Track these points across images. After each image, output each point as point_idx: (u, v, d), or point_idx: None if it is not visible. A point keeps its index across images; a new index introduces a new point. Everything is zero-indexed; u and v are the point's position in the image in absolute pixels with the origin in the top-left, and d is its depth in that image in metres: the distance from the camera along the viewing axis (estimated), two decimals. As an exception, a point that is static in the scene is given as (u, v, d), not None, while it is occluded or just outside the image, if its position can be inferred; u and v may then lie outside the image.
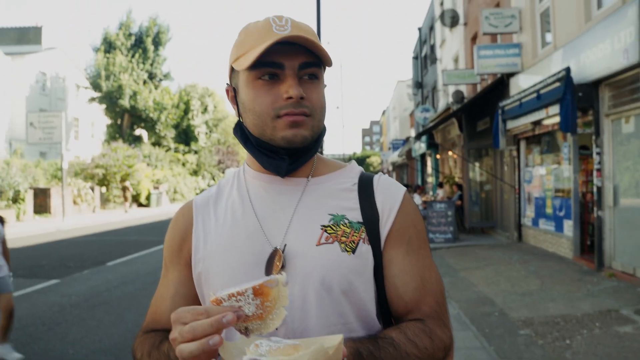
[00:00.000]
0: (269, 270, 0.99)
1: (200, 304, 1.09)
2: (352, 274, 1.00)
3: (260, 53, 0.94)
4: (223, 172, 44.30)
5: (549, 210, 10.04)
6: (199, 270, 1.06)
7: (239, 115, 1.07)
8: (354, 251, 1.00)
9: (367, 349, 0.90)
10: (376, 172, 1.16)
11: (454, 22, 16.55)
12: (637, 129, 7.04)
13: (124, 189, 27.59)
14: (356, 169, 1.14)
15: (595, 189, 7.96)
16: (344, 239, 1.01)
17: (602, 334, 4.91)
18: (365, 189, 1.08)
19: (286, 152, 1.02)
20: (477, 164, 15.15)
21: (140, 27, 37.73)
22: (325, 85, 1.08)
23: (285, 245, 1.01)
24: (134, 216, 23.86)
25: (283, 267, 0.99)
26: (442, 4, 20.86)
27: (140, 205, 30.27)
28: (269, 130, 1.00)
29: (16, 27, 38.07)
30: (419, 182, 27.12)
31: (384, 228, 1.04)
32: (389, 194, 1.07)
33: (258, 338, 0.83)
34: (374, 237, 1.03)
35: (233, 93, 1.07)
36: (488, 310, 5.93)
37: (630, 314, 5.48)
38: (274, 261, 0.99)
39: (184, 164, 39.84)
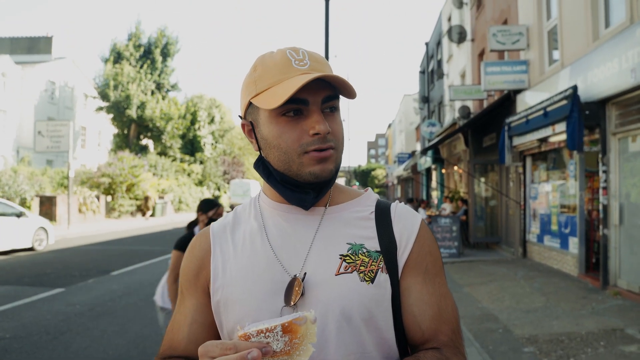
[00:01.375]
0: (287, 298, 1.00)
1: (217, 332, 1.10)
2: (372, 303, 1.00)
3: (293, 92, 0.94)
4: (228, 183, 44.39)
5: (554, 227, 10.01)
6: (217, 298, 1.07)
7: (260, 149, 1.08)
8: (372, 280, 1.01)
9: None
10: (382, 187, 1.16)
11: (461, 38, 16.64)
12: (643, 147, 7.04)
13: (146, 198, 28.47)
14: (372, 197, 1.15)
15: (601, 207, 7.94)
16: (362, 268, 1.02)
17: (607, 353, 4.88)
18: (383, 217, 1.09)
19: (311, 186, 1.04)
20: (482, 180, 15.14)
21: (149, 38, 38.09)
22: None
23: (305, 273, 1.02)
24: (139, 225, 23.91)
25: (302, 294, 0.99)
26: (449, 19, 20.99)
27: (145, 214, 30.35)
28: (295, 166, 1.01)
29: (27, 37, 38.53)
30: (424, 197, 27.08)
31: (402, 257, 1.05)
32: (407, 223, 1.08)
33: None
34: (391, 266, 1.04)
35: (251, 127, 1.08)
36: (492, 327, 5.91)
37: (635, 333, 5.45)
38: (293, 289, 1.00)
39: (189, 174, 39.97)
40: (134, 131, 37.63)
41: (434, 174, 24.64)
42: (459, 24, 17.38)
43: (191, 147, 42.62)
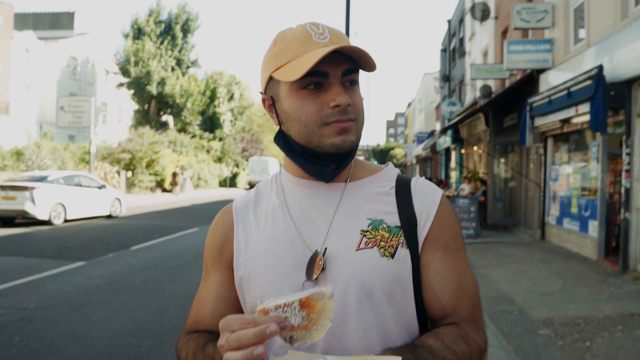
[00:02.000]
0: (309, 273, 1.01)
1: (241, 307, 1.12)
2: (392, 279, 1.01)
3: (314, 63, 0.94)
4: (247, 160, 44.60)
5: (574, 210, 9.89)
6: (240, 274, 1.08)
7: (280, 124, 1.08)
8: (392, 256, 1.02)
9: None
10: (400, 167, 1.16)
11: (484, 15, 16.30)
12: (669, 130, 6.88)
13: (174, 174, 29.19)
14: (393, 172, 1.15)
15: (623, 190, 7.81)
16: (382, 243, 1.02)
17: (624, 337, 4.85)
18: (403, 192, 1.09)
19: (332, 158, 1.04)
20: (502, 160, 14.97)
21: (170, 14, 38.05)
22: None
23: (325, 248, 1.02)
24: (158, 201, 24.21)
25: (323, 269, 1.00)
26: (472, -4, 20.56)
27: (164, 190, 30.69)
28: (316, 138, 1.01)
29: (50, 13, 38.83)
30: (443, 177, 26.92)
31: (422, 232, 1.05)
32: (427, 198, 1.08)
33: (317, 355, 0.90)
34: (411, 241, 1.04)
35: (271, 102, 1.08)
36: (508, 309, 5.90)
37: (654, 318, 5.39)
38: (315, 264, 1.01)
39: (208, 151, 40.23)
40: (154, 107, 37.89)
41: (453, 154, 24.43)
42: (482, 1, 17.01)
43: (210, 123, 42.80)
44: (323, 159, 1.04)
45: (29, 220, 13.93)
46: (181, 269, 8.14)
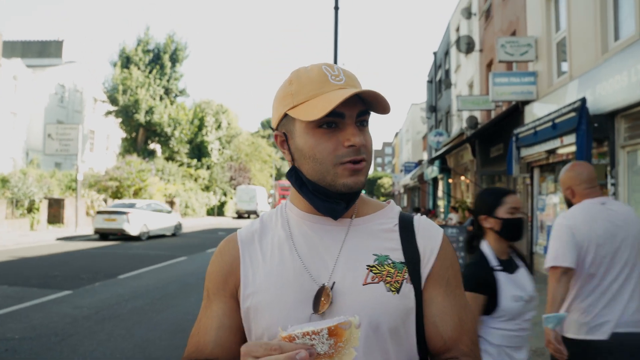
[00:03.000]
0: (316, 306, 1.03)
1: (244, 336, 1.13)
2: (397, 313, 1.03)
3: (337, 104, 0.99)
4: (235, 189, 44.51)
5: (561, 239, 9.97)
6: (247, 305, 1.09)
7: (293, 160, 1.11)
8: (398, 291, 1.04)
9: None
10: (388, 196, 1.19)
11: (469, 48, 16.68)
12: (652, 161, 7.04)
13: (171, 202, 31.10)
14: (395, 209, 1.19)
15: (608, 220, 7.92)
16: (388, 279, 1.05)
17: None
18: (407, 230, 1.13)
19: (342, 197, 1.07)
20: (489, 190, 15.13)
21: (158, 44, 38.34)
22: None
23: (334, 282, 1.05)
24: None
25: (331, 304, 1.02)
26: (458, 29, 21.05)
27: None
28: (330, 177, 1.05)
29: (38, 41, 38.94)
30: (430, 206, 27.05)
31: (425, 268, 1.09)
32: (430, 236, 1.12)
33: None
34: (415, 277, 1.07)
35: (284, 138, 1.11)
36: (498, 339, 5.89)
37: (642, 348, 5.42)
38: (321, 298, 1.03)
39: (196, 179, 40.11)
40: (142, 136, 37.83)
41: (441, 184, 24.63)
42: (467, 35, 17.43)
43: (198, 152, 42.79)
44: (334, 197, 1.07)
45: (123, 236, 18.46)
46: (169, 298, 8.04)
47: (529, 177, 11.62)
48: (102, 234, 18.76)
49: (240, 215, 41.57)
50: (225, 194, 44.58)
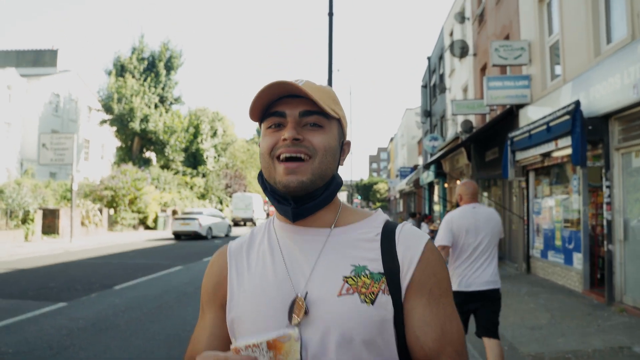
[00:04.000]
0: (290, 317, 1.03)
1: None
2: (372, 325, 1.02)
3: (255, 97, 1.07)
4: (230, 196, 44.42)
5: (558, 243, 9.99)
6: (232, 316, 1.12)
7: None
8: (372, 302, 1.03)
9: None
10: (384, 202, 1.20)
11: (463, 52, 16.74)
12: (647, 163, 7.05)
13: (174, 212, 32.16)
14: (380, 219, 1.17)
15: (605, 222, 7.93)
16: (363, 289, 1.04)
17: (614, 371, 4.84)
18: (388, 239, 1.11)
19: (290, 197, 1.08)
20: (485, 194, 15.14)
21: (152, 52, 38.35)
22: (348, 141, 1.20)
23: (307, 292, 1.05)
24: (141, 238, 23.90)
25: (306, 313, 1.03)
26: (451, 34, 21.13)
27: (147, 228, 30.33)
28: (272, 172, 1.09)
29: (33, 50, 38.88)
30: (427, 211, 27.06)
31: (405, 279, 1.06)
32: (411, 244, 1.09)
33: None
34: (394, 288, 1.05)
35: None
36: (497, 344, 5.86)
37: (642, 351, 5.41)
38: (295, 308, 1.04)
39: (191, 187, 40.02)
40: (137, 144, 37.76)
41: (437, 188, 24.64)
42: (461, 39, 17.49)
43: (194, 160, 42.74)
44: (284, 197, 1.09)
45: (196, 236, 24.23)
46: (166, 308, 7.99)
47: (524, 180, 11.63)
48: (177, 235, 24.40)
49: (236, 223, 41.48)
50: (221, 202, 44.48)
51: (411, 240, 1.10)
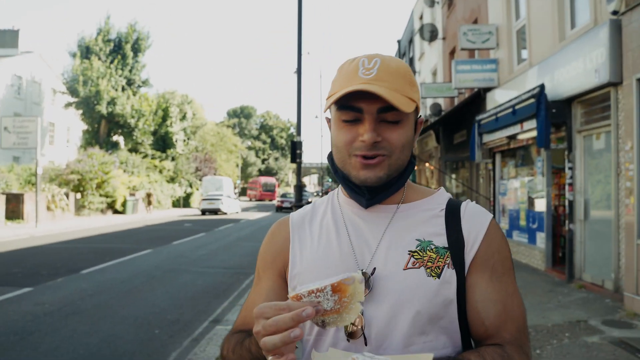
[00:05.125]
0: None
1: None
2: (437, 298, 1.04)
3: (336, 99, 1.02)
4: (200, 180, 44.02)
5: (522, 223, 10.25)
6: (294, 284, 1.14)
7: (331, 146, 1.15)
8: (439, 276, 1.05)
9: None
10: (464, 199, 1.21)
11: (432, 36, 16.83)
12: (607, 145, 7.27)
13: (148, 195, 33.04)
14: (445, 196, 1.19)
15: (567, 203, 8.17)
16: (429, 264, 1.05)
17: (571, 344, 5.04)
18: (453, 215, 1.12)
19: (365, 188, 1.09)
20: (453, 176, 15.38)
21: (119, 33, 37.41)
22: (420, 117, 1.16)
23: (374, 268, 1.07)
24: (109, 223, 23.55)
25: (371, 289, 1.05)
26: (421, 18, 21.20)
27: (115, 212, 29.88)
28: (347, 167, 1.08)
29: (-8, 30, 37.47)
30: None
31: (469, 254, 1.07)
32: (476, 221, 1.11)
33: (353, 353, 0.93)
34: (458, 263, 1.06)
35: (328, 124, 1.16)
36: (462, 321, 6.02)
37: (598, 324, 5.63)
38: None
39: (161, 171, 39.47)
40: (104, 128, 36.96)
41: (407, 171, 24.88)
42: (430, 23, 17.57)
43: (163, 143, 42.06)
44: (359, 187, 1.09)
45: (219, 213, 33.10)
46: (135, 292, 7.93)
47: (491, 162, 11.85)
48: (203, 212, 33.13)
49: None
50: (190, 185, 44.04)
51: (476, 217, 1.11)
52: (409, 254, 1.07)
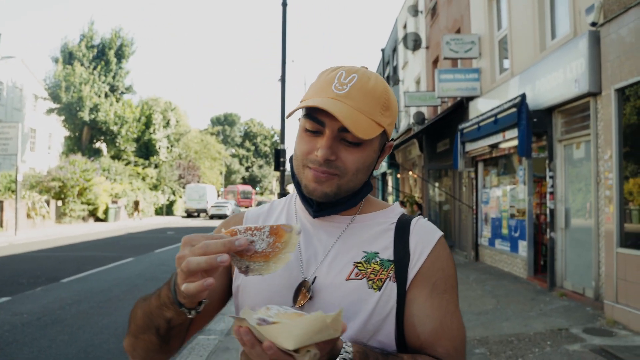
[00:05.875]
0: (295, 299, 1.05)
1: (218, 302, 1.16)
2: (376, 310, 1.04)
3: (297, 108, 1.02)
4: (184, 187, 43.72)
5: (504, 231, 10.33)
6: (238, 283, 1.13)
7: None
8: (380, 289, 1.04)
9: (374, 356, 0.94)
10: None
11: (416, 45, 16.97)
12: (587, 154, 7.38)
13: (136, 202, 33.08)
14: (397, 210, 1.19)
15: (548, 211, 8.25)
16: (372, 276, 1.05)
17: (553, 352, 5.08)
18: (402, 229, 1.12)
19: (314, 202, 1.10)
20: (436, 184, 15.46)
21: (103, 39, 37.17)
22: (390, 142, 1.15)
23: (315, 277, 1.06)
24: (91, 231, 23.25)
25: (311, 298, 1.04)
26: (405, 27, 21.37)
27: (97, 219, 29.53)
28: (300, 175, 1.09)
29: (-28, 35, 36.95)
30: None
31: (413, 269, 1.07)
32: (424, 237, 1.11)
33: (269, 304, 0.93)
34: (401, 276, 1.06)
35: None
36: (445, 329, 6.03)
37: (579, 332, 5.69)
38: (301, 291, 1.05)
39: (143, 178, 39.14)
40: (86, 134, 36.60)
41: (390, 179, 24.98)
42: (414, 32, 17.72)
43: (146, 150, 41.76)
44: (309, 196, 1.09)
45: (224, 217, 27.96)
46: (115, 301, 7.82)
47: (473, 171, 11.94)
48: (211, 216, 37.62)
49: (189, 214, 40.87)
50: (174, 193, 43.72)
51: (425, 233, 1.11)
52: (354, 265, 1.07)
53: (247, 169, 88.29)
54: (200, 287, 0.85)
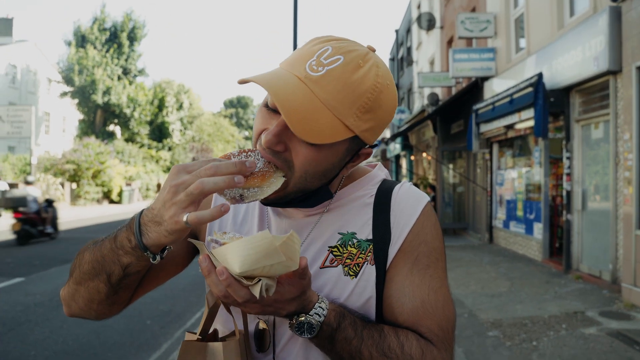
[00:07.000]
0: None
1: (177, 262, 1.09)
2: (353, 298, 0.94)
3: (248, 80, 0.85)
4: (197, 170, 43.94)
5: (519, 213, 10.18)
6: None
7: None
8: (356, 275, 0.95)
9: (352, 318, 0.88)
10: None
11: (430, 25, 16.66)
12: (605, 134, 7.18)
13: (158, 185, 32.49)
14: (377, 178, 1.05)
15: (564, 193, 8.09)
16: (348, 261, 0.96)
17: (568, 335, 4.98)
18: (382, 203, 0.99)
19: None
20: (450, 166, 15.29)
21: (115, 22, 37.17)
22: (366, 149, 0.96)
23: None
24: (105, 213, 23.45)
25: None
26: (419, 7, 21.01)
27: (112, 202, 29.79)
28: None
29: (-14, 18, 37.13)
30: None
31: (394, 247, 0.96)
32: (406, 208, 0.98)
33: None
34: (381, 257, 0.96)
35: None
36: (458, 312, 5.95)
37: (595, 315, 5.57)
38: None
39: (157, 161, 39.36)
40: (100, 117, 36.79)
41: (403, 161, 24.81)
42: (428, 11, 17.40)
43: (159, 133, 41.92)
44: None
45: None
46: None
47: (488, 152, 11.76)
48: None
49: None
50: (188, 176, 43.99)
51: (407, 204, 0.98)
52: (328, 250, 0.96)
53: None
54: (218, 212, 0.76)
